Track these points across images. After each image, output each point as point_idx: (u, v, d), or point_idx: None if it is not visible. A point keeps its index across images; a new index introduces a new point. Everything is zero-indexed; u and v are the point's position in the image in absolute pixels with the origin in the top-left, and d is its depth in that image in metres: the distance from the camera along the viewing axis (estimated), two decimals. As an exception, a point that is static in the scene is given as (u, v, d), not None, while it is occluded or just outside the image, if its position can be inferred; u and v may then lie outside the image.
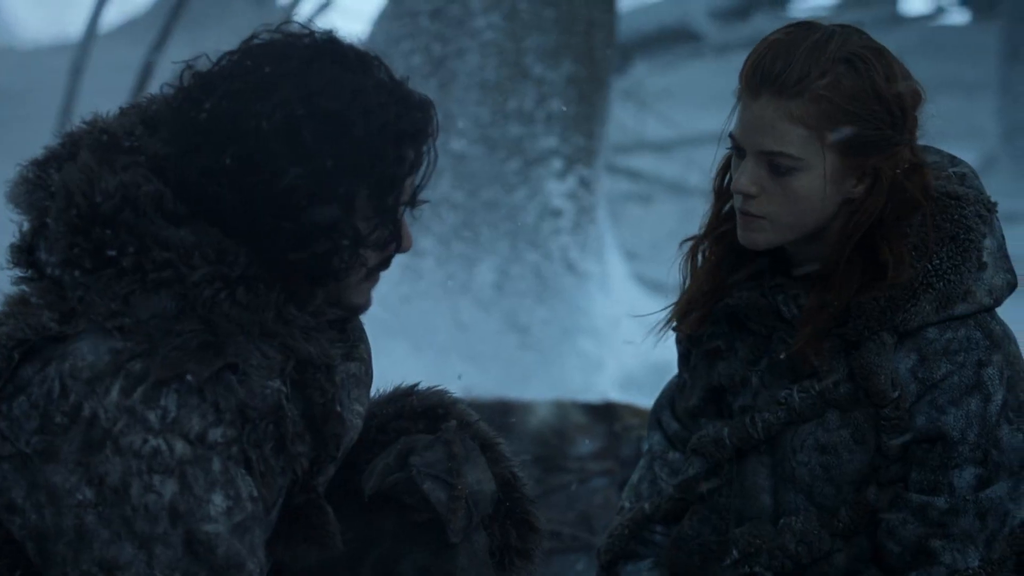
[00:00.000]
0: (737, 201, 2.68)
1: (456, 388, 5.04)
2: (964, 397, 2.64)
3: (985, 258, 2.68)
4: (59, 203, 2.24)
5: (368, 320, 5.79)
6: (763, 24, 7.09)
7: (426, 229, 5.56)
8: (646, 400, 5.34)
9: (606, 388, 5.42)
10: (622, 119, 7.62)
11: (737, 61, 2.71)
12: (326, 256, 2.30)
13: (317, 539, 2.40)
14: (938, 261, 2.67)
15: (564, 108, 5.58)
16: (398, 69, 5.70)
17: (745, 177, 2.65)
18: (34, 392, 2.21)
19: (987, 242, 2.70)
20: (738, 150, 2.67)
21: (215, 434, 2.24)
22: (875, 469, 2.69)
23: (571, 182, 5.60)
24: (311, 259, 2.29)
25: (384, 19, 5.81)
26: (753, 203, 2.64)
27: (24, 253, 2.28)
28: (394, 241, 2.36)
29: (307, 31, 2.34)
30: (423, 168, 2.36)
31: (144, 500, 2.20)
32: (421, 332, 5.56)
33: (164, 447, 2.20)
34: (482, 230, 5.56)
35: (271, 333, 2.30)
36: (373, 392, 2.59)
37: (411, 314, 5.57)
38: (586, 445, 4.19)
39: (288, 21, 2.36)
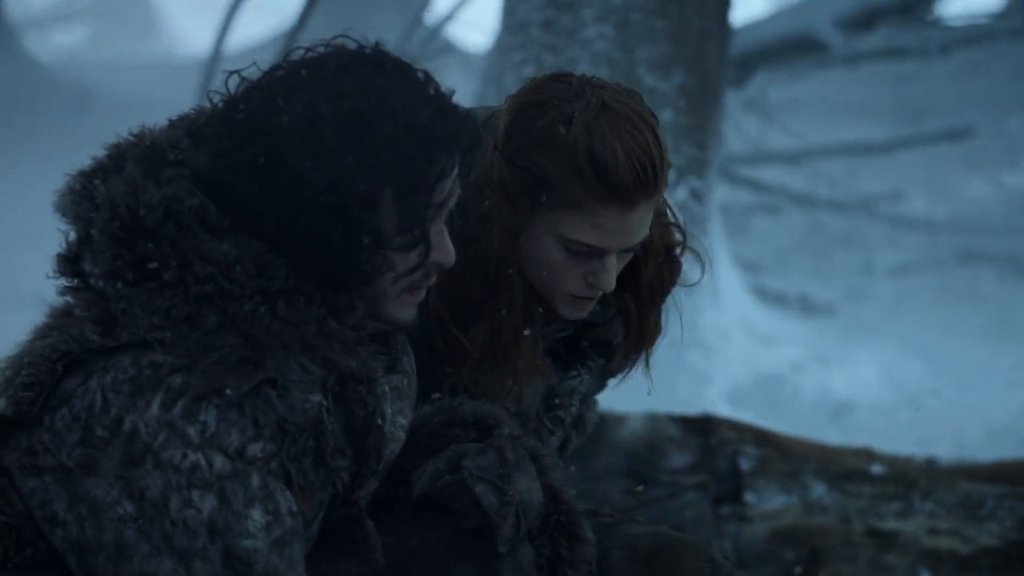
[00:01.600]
0: (580, 291, 2.65)
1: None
2: None
3: None
4: (104, 215, 2.27)
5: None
6: (890, 34, 7.00)
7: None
8: (755, 414, 5.30)
9: (714, 401, 5.38)
10: (746, 130, 7.56)
11: (865, 71, 2.65)
12: (347, 255, 2.30)
13: (358, 553, 2.41)
14: None
15: (675, 119, 5.54)
16: (510, 80, 5.69)
17: (612, 275, 2.63)
18: (76, 404, 2.23)
19: None
20: (587, 252, 2.62)
21: (254, 449, 2.25)
22: None
23: (681, 193, 5.56)
24: (333, 258, 2.30)
25: (498, 30, 5.83)
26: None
27: (70, 263, 2.31)
28: (420, 245, 2.35)
29: (355, 43, 2.36)
30: (452, 176, 2.36)
31: (183, 515, 2.21)
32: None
33: (203, 462, 2.22)
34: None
35: (312, 347, 2.31)
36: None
37: (520, 326, 5.56)
38: (679, 458, 4.16)
39: (341, 36, 2.38)
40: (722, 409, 5.32)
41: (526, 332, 2.70)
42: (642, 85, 5.53)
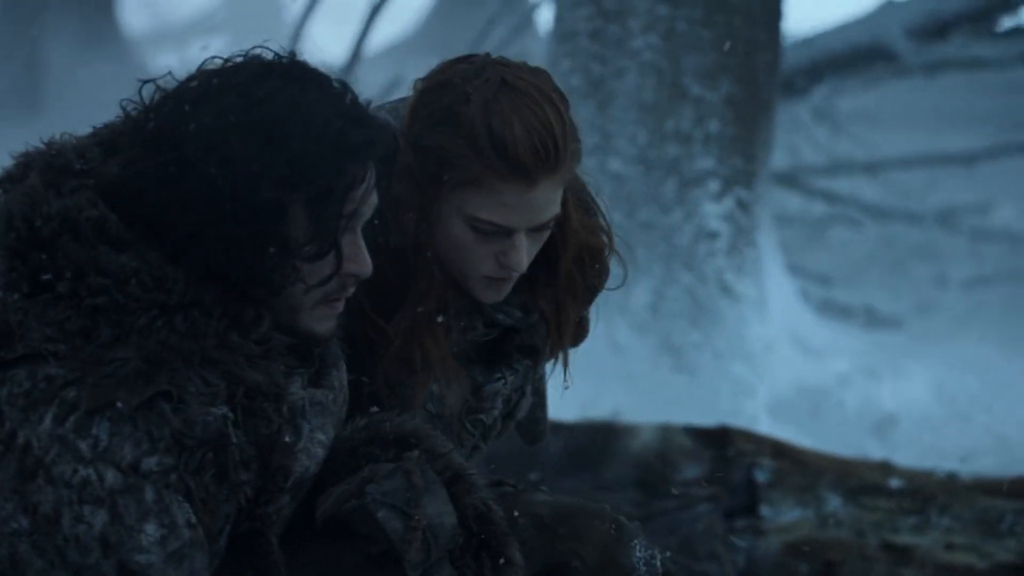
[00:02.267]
0: (493, 272, 2.63)
1: (605, 409, 5.06)
2: None
3: None
4: (1, 226, 2.26)
5: (523, 340, 5.79)
6: (963, 43, 6.91)
7: (582, 250, 5.56)
8: (796, 426, 5.26)
9: (756, 413, 5.34)
10: (818, 140, 7.50)
11: (939, 81, 2.61)
12: (253, 263, 2.28)
13: (261, 569, 2.38)
14: None
15: (722, 129, 5.52)
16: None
17: (524, 255, 2.61)
18: None
19: None
20: (494, 232, 2.61)
21: (149, 463, 2.22)
22: None
23: (728, 204, 5.53)
24: (239, 266, 2.28)
25: (548, 38, 5.85)
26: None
27: None
28: (331, 255, 2.33)
29: (273, 53, 2.37)
30: (365, 185, 2.34)
31: (75, 531, 2.19)
32: (575, 353, 5.54)
33: (94, 477, 2.19)
34: (638, 251, 5.52)
35: (214, 360, 2.28)
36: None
37: (566, 335, 5.56)
38: (691, 470, 4.14)
39: (259, 47, 2.39)
40: (763, 421, 5.29)
41: (439, 319, 2.70)
42: (689, 95, 5.52)
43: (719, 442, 4.24)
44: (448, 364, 2.72)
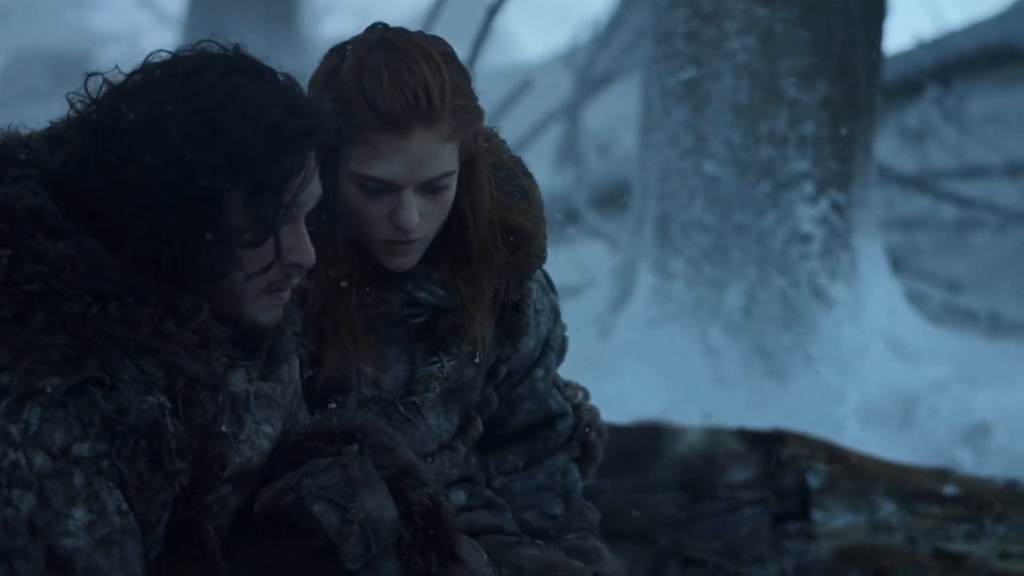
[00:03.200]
0: (389, 235, 2.65)
1: (694, 411, 5.04)
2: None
3: None
4: None
5: (615, 342, 5.82)
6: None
7: (677, 251, 5.54)
8: (885, 433, 5.18)
9: (844, 419, 5.27)
10: (947, 143, 7.35)
11: None
12: (189, 251, 2.33)
13: (198, 557, 2.42)
14: None
15: (817, 131, 5.46)
16: (653, 91, 5.69)
17: (412, 212, 2.64)
18: None
19: None
20: (379, 189, 2.66)
21: (80, 448, 2.27)
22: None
23: (823, 207, 5.47)
24: (175, 254, 2.33)
25: (647, 42, 5.84)
26: (414, 230, 2.64)
27: None
28: (267, 243, 2.37)
29: (217, 46, 2.42)
30: (303, 175, 2.39)
31: (3, 514, 2.24)
32: (668, 355, 5.54)
33: (23, 461, 2.24)
34: (732, 254, 5.49)
35: (149, 349, 2.33)
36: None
37: (658, 337, 5.55)
38: (739, 473, 4.11)
39: (207, 40, 2.45)
40: (851, 426, 5.21)
41: (343, 283, 2.73)
42: (784, 97, 5.47)
43: (772, 445, 4.21)
44: (361, 337, 2.76)
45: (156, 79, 2.35)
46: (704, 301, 5.52)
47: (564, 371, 5.72)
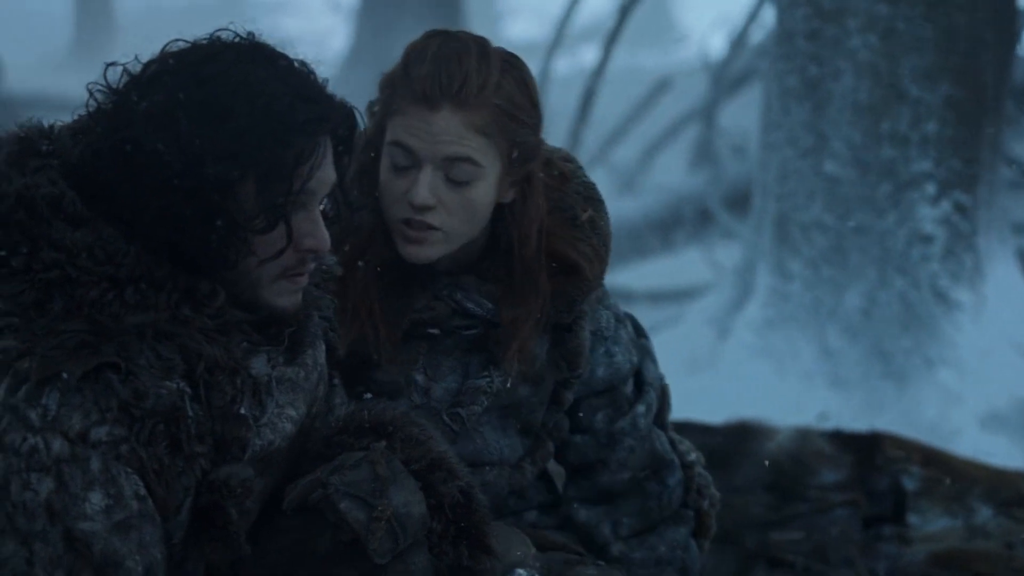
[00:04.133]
0: (404, 213, 2.67)
1: (811, 412, 4.99)
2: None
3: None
4: None
5: (733, 342, 5.78)
6: None
7: (795, 252, 5.48)
8: (1008, 438, 5.07)
9: (964, 423, 5.18)
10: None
11: None
12: (201, 237, 2.35)
13: (221, 539, 2.44)
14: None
15: (940, 130, 5.37)
16: (774, 90, 5.65)
17: (424, 188, 2.66)
18: None
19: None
20: (406, 162, 2.70)
21: (99, 433, 2.29)
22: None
23: (945, 207, 5.37)
24: (187, 240, 2.35)
25: (768, 41, 5.79)
26: (429, 214, 2.64)
27: None
28: (278, 228, 2.38)
29: (233, 33, 2.44)
30: (313, 161, 2.40)
31: (23, 497, 2.26)
32: (785, 357, 5.48)
33: (41, 445, 2.27)
34: (851, 255, 5.42)
35: (167, 334, 2.35)
36: None
37: (776, 338, 5.51)
38: (829, 474, 4.06)
39: (223, 28, 2.46)
40: (971, 430, 5.12)
41: (360, 262, 2.77)
42: (908, 96, 5.38)
43: (867, 447, 4.15)
44: (379, 318, 2.79)
45: (170, 68, 2.38)
46: (822, 302, 5.46)
47: (682, 368, 5.72)
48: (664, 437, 3.12)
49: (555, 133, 8.20)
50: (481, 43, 2.75)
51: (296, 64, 2.43)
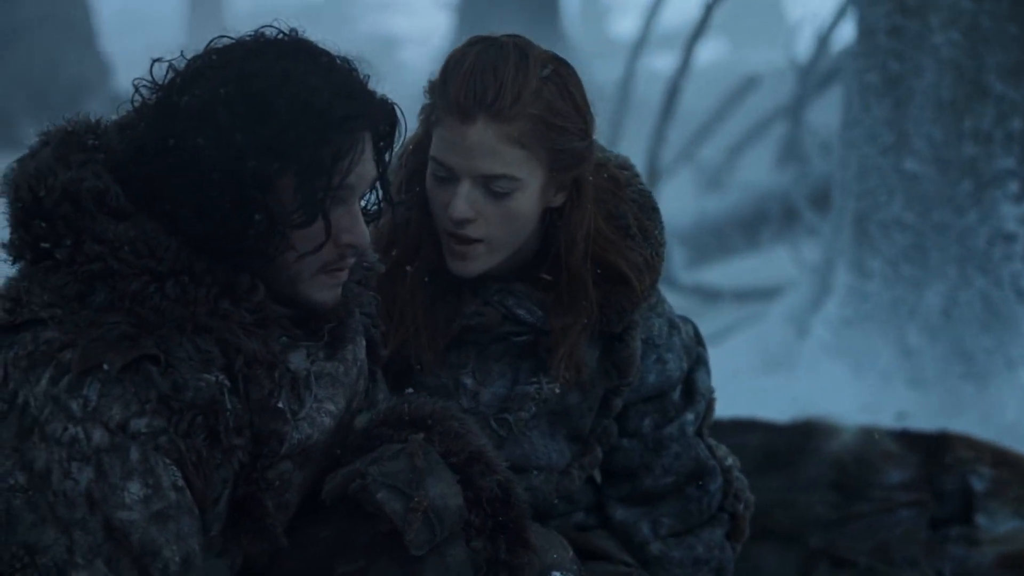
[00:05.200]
0: (446, 225, 2.64)
1: (888, 412, 4.95)
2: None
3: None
4: (9, 197, 2.42)
5: (811, 341, 5.74)
6: None
7: (875, 250, 5.43)
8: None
9: (1045, 424, 5.10)
10: None
11: None
12: (239, 232, 2.37)
13: (258, 531, 2.47)
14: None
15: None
16: (854, 86, 5.61)
17: (462, 202, 2.63)
18: None
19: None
20: (445, 175, 2.67)
21: (138, 424, 2.33)
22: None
23: (1029, 206, 5.31)
24: (226, 234, 2.37)
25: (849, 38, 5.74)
26: (470, 227, 2.62)
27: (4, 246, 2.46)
28: (317, 223, 2.40)
29: (276, 30, 2.46)
30: (352, 157, 2.41)
31: (63, 486, 2.31)
32: (863, 355, 5.43)
33: (82, 435, 2.31)
34: (932, 253, 5.36)
35: (206, 327, 2.38)
36: None
37: (854, 336, 5.46)
38: (894, 474, 4.02)
39: (269, 25, 2.48)
40: (1050, 433, 5.05)
41: (408, 267, 2.77)
42: (991, 92, 5.30)
43: (936, 447, 4.11)
44: (422, 323, 2.79)
45: (212, 63, 2.41)
46: (902, 301, 5.40)
47: (759, 366, 5.68)
48: (703, 444, 3.10)
49: (642, 131, 8.19)
50: (522, 49, 2.71)
51: (338, 60, 2.45)
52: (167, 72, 2.47)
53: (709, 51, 20.20)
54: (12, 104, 12.24)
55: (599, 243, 2.81)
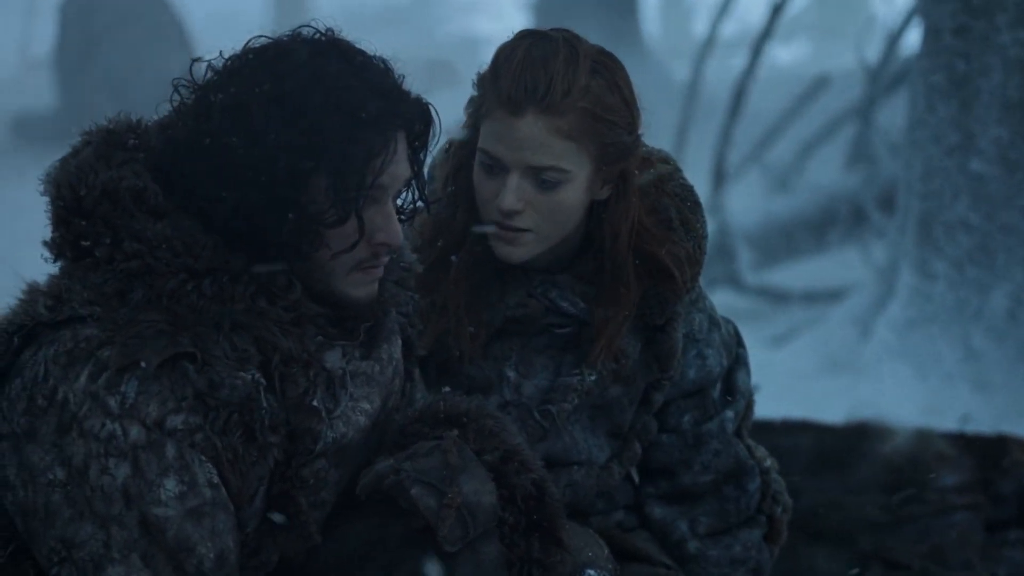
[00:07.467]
0: (494, 216, 2.65)
1: (952, 414, 4.92)
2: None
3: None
4: (51, 195, 2.44)
5: (875, 343, 5.70)
6: None
7: (939, 251, 5.39)
8: None
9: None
10: None
11: None
12: (275, 231, 2.38)
13: (292, 528, 2.48)
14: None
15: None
16: (920, 87, 5.58)
17: (511, 194, 2.64)
18: (26, 375, 2.38)
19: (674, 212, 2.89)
20: (493, 166, 2.69)
21: (175, 421, 2.35)
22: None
23: (1087, 208, 5.26)
24: (260, 232, 2.38)
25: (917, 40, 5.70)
26: (517, 218, 2.63)
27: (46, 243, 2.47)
28: (350, 221, 2.40)
29: (313, 30, 2.47)
30: (385, 156, 2.41)
31: (100, 482, 2.33)
32: (927, 358, 5.40)
33: (119, 431, 2.32)
34: (997, 255, 5.32)
35: (243, 325, 2.40)
36: None
37: (918, 338, 5.42)
38: (949, 476, 3.99)
39: (305, 25, 2.49)
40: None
41: (453, 257, 2.81)
42: (1059, 94, 5.27)
43: (993, 450, 4.07)
44: (463, 314, 2.81)
45: (247, 63, 2.42)
46: (967, 303, 5.36)
47: (822, 368, 5.64)
48: (742, 444, 3.10)
49: (712, 131, 8.17)
50: (572, 43, 2.74)
51: (373, 60, 2.45)
52: (206, 72, 2.48)
53: (791, 51, 20.15)
54: (98, 101, 12.38)
55: (642, 236, 2.82)
